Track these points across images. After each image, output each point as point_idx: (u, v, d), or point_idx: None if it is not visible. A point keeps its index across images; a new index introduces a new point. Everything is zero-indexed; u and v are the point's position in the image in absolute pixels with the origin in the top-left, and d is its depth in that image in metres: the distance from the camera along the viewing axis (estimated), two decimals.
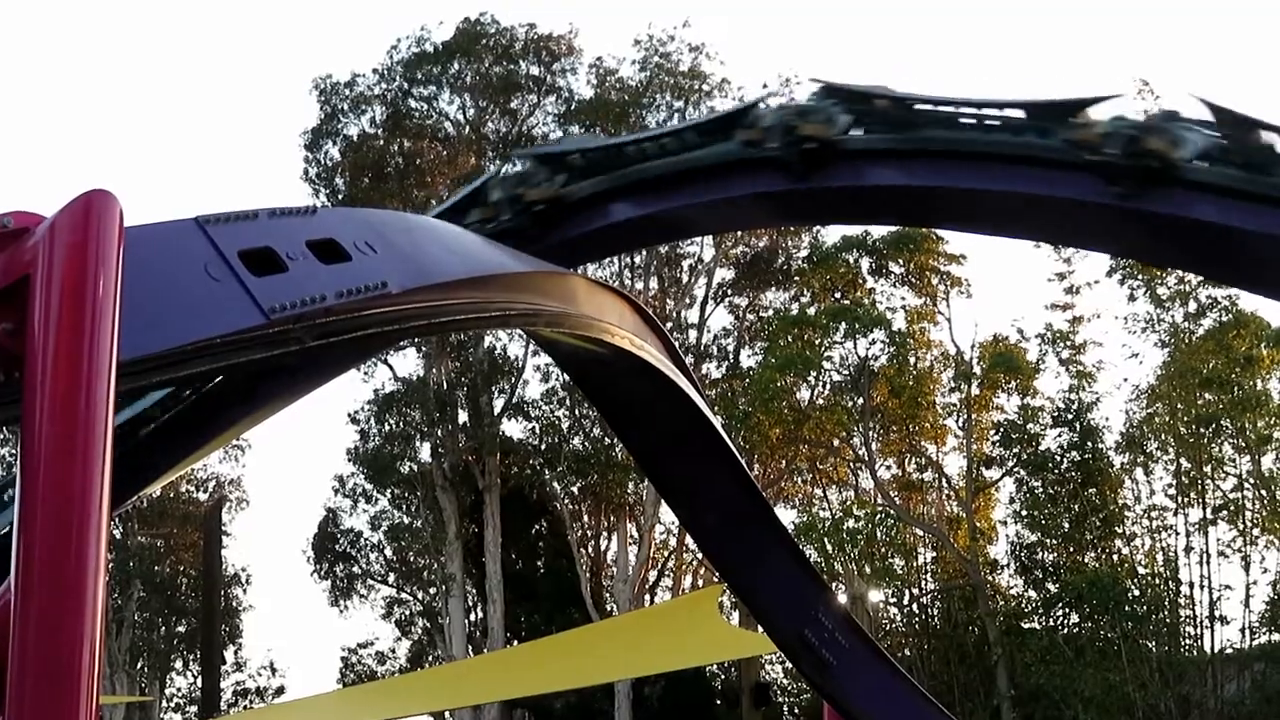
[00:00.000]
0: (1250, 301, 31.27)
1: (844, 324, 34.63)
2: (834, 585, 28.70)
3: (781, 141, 8.33)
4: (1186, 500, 32.39)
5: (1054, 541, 33.24)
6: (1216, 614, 31.33)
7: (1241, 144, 7.17)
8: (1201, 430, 31.90)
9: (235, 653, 43.35)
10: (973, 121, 7.79)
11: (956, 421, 35.80)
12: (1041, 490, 33.56)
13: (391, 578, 41.54)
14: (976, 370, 35.12)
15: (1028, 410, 34.63)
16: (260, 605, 53.56)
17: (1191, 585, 31.89)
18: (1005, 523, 35.21)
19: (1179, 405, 32.42)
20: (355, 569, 41.21)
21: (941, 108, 7.88)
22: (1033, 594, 33.79)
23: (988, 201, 7.99)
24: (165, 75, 73.20)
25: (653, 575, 38.23)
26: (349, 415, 39.57)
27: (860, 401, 34.92)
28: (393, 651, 42.44)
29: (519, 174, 8.98)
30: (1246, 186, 7.07)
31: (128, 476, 5.41)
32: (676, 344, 6.80)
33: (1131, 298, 33.22)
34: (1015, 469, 34.43)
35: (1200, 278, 29.18)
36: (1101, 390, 34.23)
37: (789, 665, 24.27)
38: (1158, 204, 7.25)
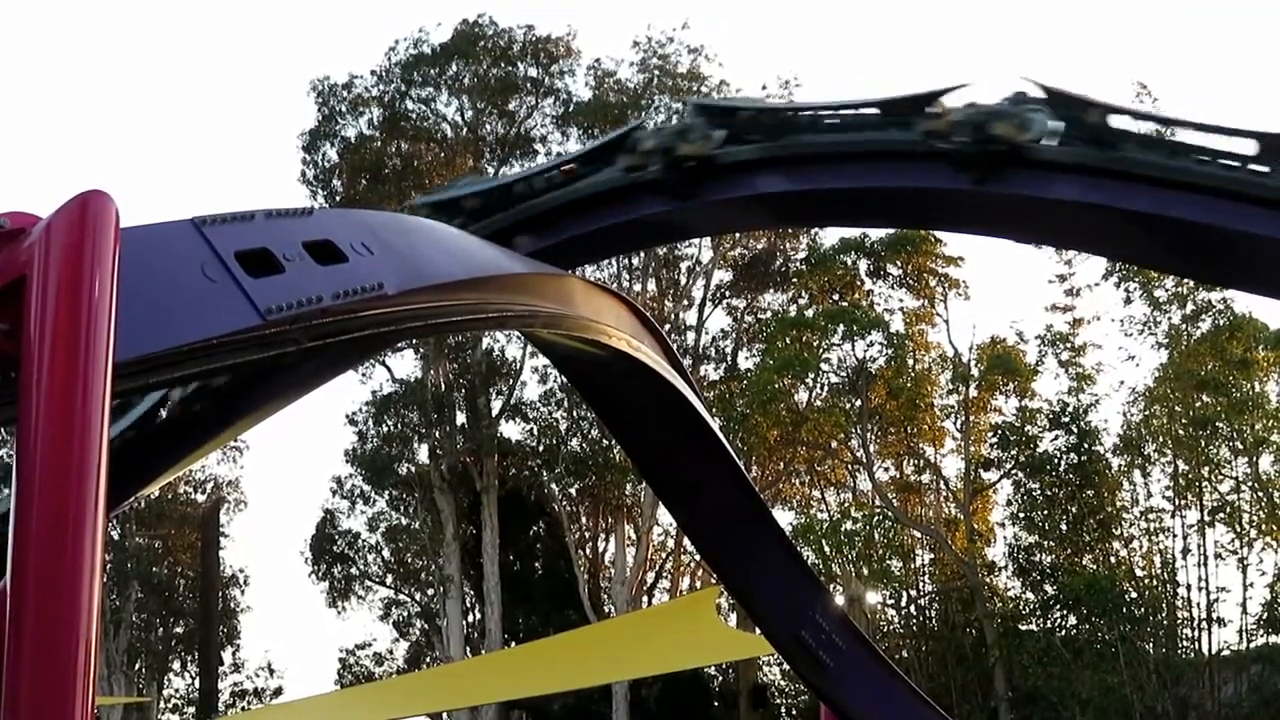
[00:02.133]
0: (1245, 303, 31.33)
1: (842, 326, 34.65)
2: (831, 587, 28.72)
3: (662, 163, 8.56)
4: (1184, 502, 32.40)
5: (1051, 543, 33.23)
6: (1214, 616, 31.35)
7: (1085, 123, 7.34)
8: (1199, 432, 31.89)
9: (233, 654, 43.34)
10: (838, 123, 8.03)
11: (954, 423, 35.82)
12: (1039, 492, 33.55)
13: (389, 579, 41.52)
14: (974, 372, 35.13)
15: (1025, 412, 34.63)
16: (258, 606, 53.54)
17: (1189, 587, 31.92)
18: (1003, 525, 35.23)
19: (1176, 408, 32.43)
20: (353, 570, 41.19)
21: (808, 113, 8.11)
22: (1030, 596, 33.78)
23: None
24: (164, 76, 73.20)
25: (650, 577, 38.24)
26: (347, 417, 39.57)
27: (858, 403, 34.93)
28: (390, 653, 42.45)
29: None
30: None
31: (125, 477, 5.41)
32: (674, 346, 6.81)
33: (1128, 300, 33.23)
34: (1013, 471, 34.43)
35: (1193, 280, 29.21)
36: (1099, 392, 34.24)
37: (787, 667, 24.27)
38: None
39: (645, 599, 37.06)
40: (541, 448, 38.41)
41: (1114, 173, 6.99)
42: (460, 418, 38.63)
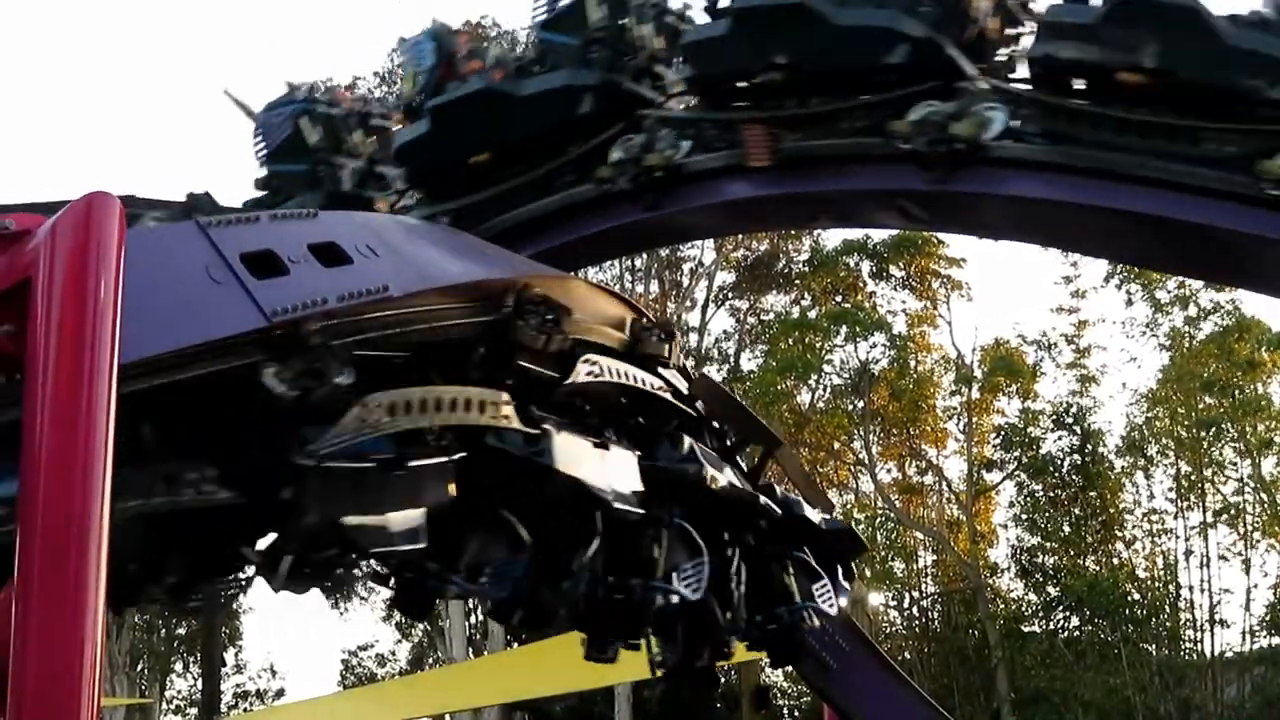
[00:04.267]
0: (1252, 306, 31.29)
1: (844, 327, 34.62)
2: None
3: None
4: (1186, 504, 32.38)
5: (1054, 545, 33.20)
6: (1217, 617, 31.33)
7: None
8: (1201, 434, 31.86)
9: (235, 655, 43.31)
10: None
11: (957, 425, 35.80)
12: (1042, 494, 33.53)
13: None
14: (977, 374, 35.11)
15: (1028, 414, 34.61)
16: (260, 607, 53.45)
17: (1191, 589, 31.91)
18: (1006, 526, 35.20)
19: (1179, 409, 32.41)
20: (356, 571, 41.12)
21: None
22: (1033, 597, 33.75)
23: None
24: (166, 78, 73.26)
25: None
26: None
27: (861, 405, 34.91)
28: (393, 654, 42.43)
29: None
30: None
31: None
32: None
33: (1129, 302, 33.22)
34: (1016, 472, 34.41)
35: (1196, 281, 29.24)
36: (1102, 394, 34.24)
37: (790, 668, 24.20)
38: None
39: None
40: None
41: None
42: None
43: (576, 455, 4.43)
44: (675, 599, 5.13)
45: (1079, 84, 7.95)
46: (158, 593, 4.35)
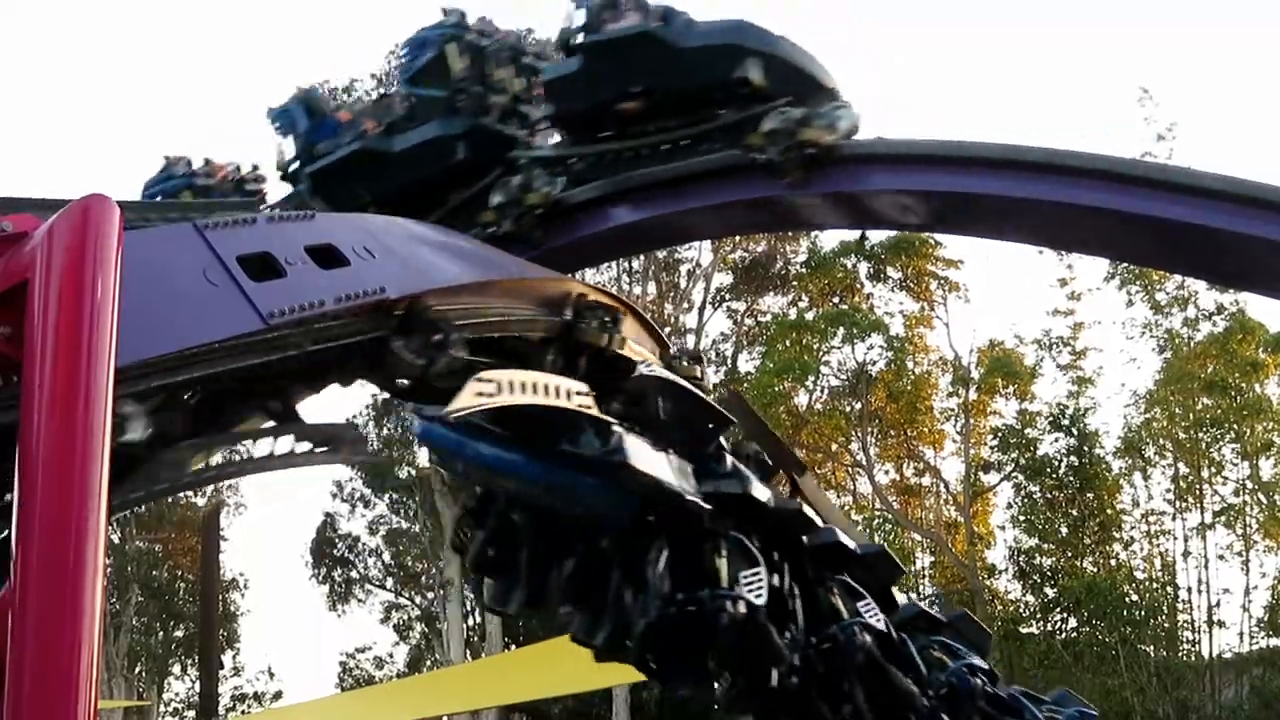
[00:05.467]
0: (1256, 309, 31.26)
1: (842, 329, 34.60)
2: None
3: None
4: (1184, 505, 32.36)
5: (1052, 546, 33.16)
6: (1215, 619, 31.33)
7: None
8: (1200, 435, 31.84)
9: (233, 657, 43.28)
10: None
11: (954, 426, 35.78)
12: (1039, 495, 33.49)
13: (390, 582, 41.48)
14: (974, 375, 35.09)
15: (1026, 415, 34.59)
16: (258, 610, 53.52)
17: (1189, 590, 31.88)
18: (1003, 527, 35.16)
19: (1176, 410, 32.39)
20: (353, 573, 41.15)
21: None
22: (1030, 599, 33.71)
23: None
24: (164, 80, 73.19)
25: None
26: (347, 419, 39.50)
27: (858, 406, 34.90)
28: (391, 656, 42.42)
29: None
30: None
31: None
32: (673, 348, 6.82)
33: (1129, 303, 33.20)
34: (1013, 474, 34.38)
35: (1201, 283, 29.27)
36: (1100, 395, 34.20)
37: None
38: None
39: None
40: None
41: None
42: None
43: None
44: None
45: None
46: None
